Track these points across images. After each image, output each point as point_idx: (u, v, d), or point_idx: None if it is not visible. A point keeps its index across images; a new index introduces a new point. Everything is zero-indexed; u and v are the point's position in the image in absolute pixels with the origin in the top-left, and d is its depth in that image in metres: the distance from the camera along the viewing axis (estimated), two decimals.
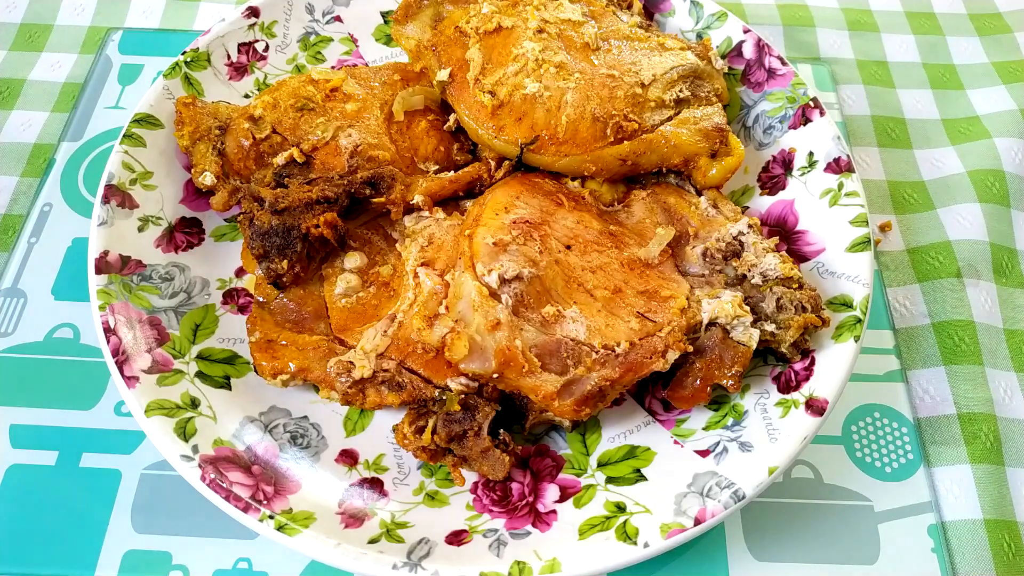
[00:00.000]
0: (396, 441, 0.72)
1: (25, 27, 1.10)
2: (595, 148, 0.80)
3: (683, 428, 0.74)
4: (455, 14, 0.89)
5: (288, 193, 0.78)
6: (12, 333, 0.83)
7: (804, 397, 0.71)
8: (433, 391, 0.72)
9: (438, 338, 0.72)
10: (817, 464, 0.78)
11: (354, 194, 0.79)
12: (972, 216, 0.95)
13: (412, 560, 0.63)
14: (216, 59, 0.92)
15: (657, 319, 0.72)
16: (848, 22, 1.18)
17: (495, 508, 0.69)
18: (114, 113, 1.00)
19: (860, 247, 0.78)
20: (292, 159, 0.81)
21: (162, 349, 0.74)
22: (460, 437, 0.70)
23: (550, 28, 0.84)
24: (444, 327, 0.72)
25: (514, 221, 0.76)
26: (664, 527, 0.65)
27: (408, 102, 0.86)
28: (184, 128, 0.83)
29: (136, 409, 0.69)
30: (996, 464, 0.79)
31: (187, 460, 0.66)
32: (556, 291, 0.73)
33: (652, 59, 0.85)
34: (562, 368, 0.69)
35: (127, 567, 0.71)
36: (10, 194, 0.94)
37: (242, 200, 0.82)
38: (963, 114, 1.07)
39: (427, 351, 0.73)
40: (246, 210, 0.79)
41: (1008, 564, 0.74)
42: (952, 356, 0.85)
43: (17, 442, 0.76)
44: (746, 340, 0.72)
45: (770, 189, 0.87)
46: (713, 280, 0.77)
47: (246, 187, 0.82)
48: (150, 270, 0.79)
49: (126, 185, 0.81)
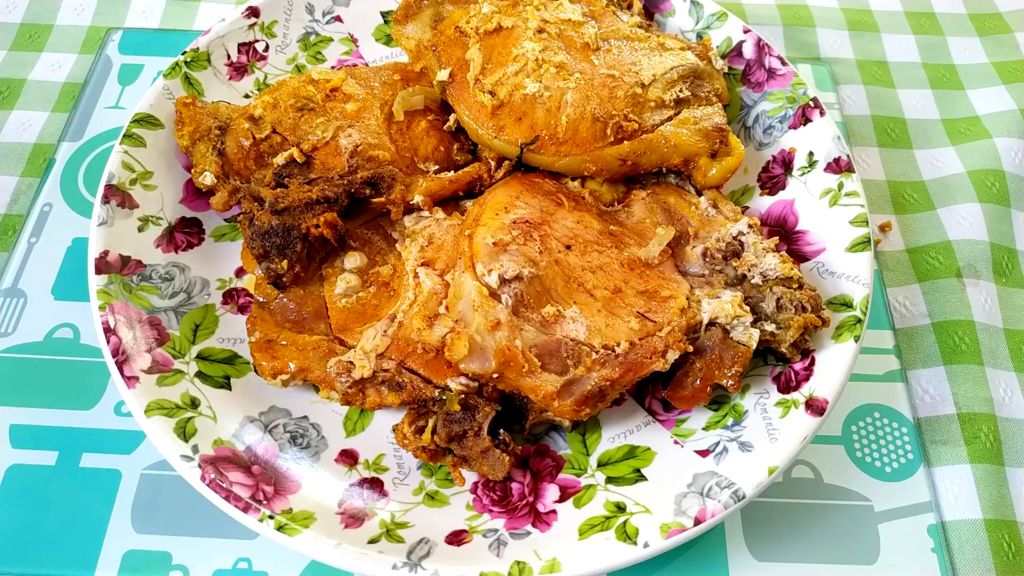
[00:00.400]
0: (396, 441, 0.72)
1: (25, 27, 1.10)
2: (595, 148, 0.80)
3: (683, 428, 0.74)
4: (455, 14, 0.89)
5: (288, 193, 0.78)
6: (12, 333, 0.83)
7: (804, 397, 0.71)
8: (433, 391, 0.72)
9: (438, 338, 0.72)
10: (817, 464, 0.78)
11: (354, 194, 0.79)
12: (972, 216, 0.95)
13: (412, 560, 0.63)
14: (216, 59, 0.92)
15: (657, 319, 0.72)
16: (848, 22, 1.18)
17: (495, 508, 0.69)
18: (114, 113, 1.00)
19: (860, 247, 0.78)
20: (292, 159, 0.81)
21: (162, 349, 0.74)
22: (460, 437, 0.70)
23: (550, 28, 0.84)
24: (444, 327, 0.72)
25: (514, 221, 0.76)
26: (664, 527, 0.65)
27: (408, 102, 0.86)
28: (184, 128, 0.83)
29: (136, 409, 0.69)
30: (996, 464, 0.79)
31: (187, 460, 0.66)
32: (556, 291, 0.73)
33: (652, 59, 0.85)
34: (562, 368, 0.69)
35: (127, 567, 0.71)
36: (10, 194, 0.94)
37: (242, 200, 0.82)
38: (963, 114, 1.07)
39: (427, 351, 0.73)
40: (246, 210, 0.79)
41: (1008, 564, 0.74)
42: (952, 356, 0.85)
43: (17, 442, 0.76)
44: (746, 340, 0.72)
45: (770, 189, 0.87)
46: (713, 280, 0.77)
47: (246, 187, 0.82)
48: (150, 270, 0.79)
49: (126, 185, 0.81)
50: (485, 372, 0.68)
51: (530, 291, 0.72)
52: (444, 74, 0.84)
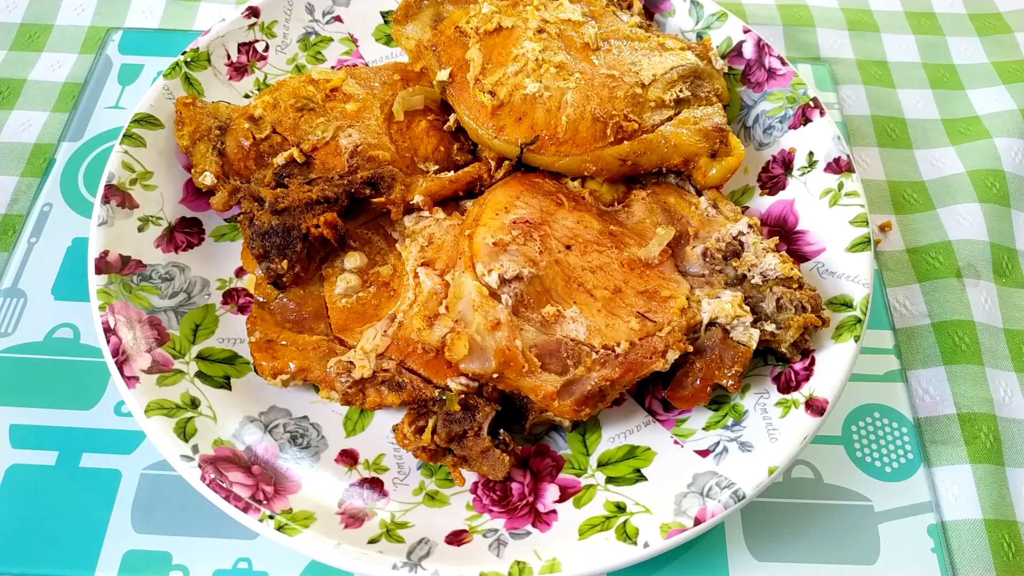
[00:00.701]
0: (396, 441, 0.72)
1: (25, 27, 1.10)
2: (595, 148, 0.80)
3: (683, 428, 0.74)
4: (455, 14, 0.89)
5: (288, 193, 0.78)
6: (12, 333, 0.83)
7: (804, 397, 0.71)
8: (433, 391, 0.72)
9: (438, 338, 0.72)
10: (817, 464, 0.78)
11: (354, 194, 0.79)
12: (972, 216, 0.95)
13: (412, 560, 0.63)
14: (216, 59, 0.92)
15: (657, 319, 0.72)
16: (848, 22, 1.18)
17: (495, 508, 0.69)
18: (114, 113, 1.00)
19: (860, 247, 0.78)
20: (292, 159, 0.81)
21: (162, 349, 0.74)
22: (460, 437, 0.70)
23: (550, 28, 0.84)
24: (444, 327, 0.72)
25: (514, 221, 0.76)
26: (664, 527, 0.65)
27: (408, 102, 0.86)
28: (184, 128, 0.83)
29: (136, 409, 0.69)
30: (996, 464, 0.79)
31: (187, 460, 0.66)
32: (556, 291, 0.73)
33: (652, 59, 0.85)
34: (562, 368, 0.69)
35: (127, 567, 0.71)
36: (10, 194, 0.94)
37: (242, 200, 0.82)
38: (963, 114, 1.07)
39: (427, 351, 0.73)
40: (246, 210, 0.79)
41: (1008, 564, 0.74)
42: (952, 356, 0.85)
43: (17, 442, 0.76)
44: (746, 340, 0.72)
45: (770, 189, 0.87)
46: (713, 280, 0.77)
47: (246, 187, 0.82)
48: (150, 270, 0.79)
49: (126, 185, 0.81)
50: (485, 372, 0.68)
51: (530, 291, 0.72)
52: (444, 74, 0.84)
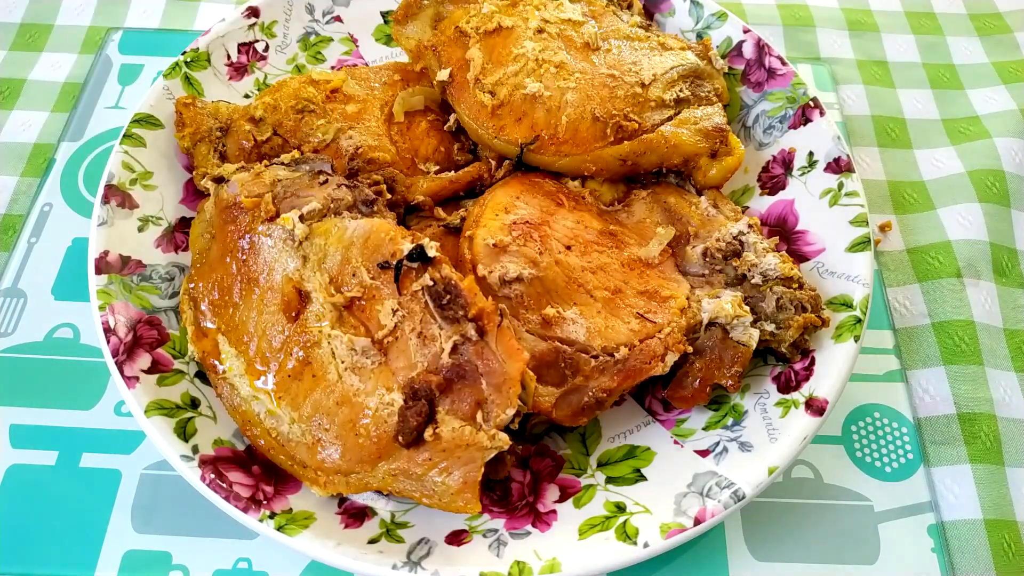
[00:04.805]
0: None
1: (25, 27, 1.10)
2: (595, 148, 0.80)
3: (683, 428, 0.74)
4: (455, 14, 0.89)
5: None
6: (12, 333, 0.83)
7: (804, 397, 0.71)
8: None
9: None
10: (817, 464, 0.78)
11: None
12: (972, 216, 0.95)
13: (412, 560, 0.63)
14: (216, 59, 0.92)
15: (657, 319, 0.72)
16: (848, 22, 1.18)
17: (495, 508, 0.69)
18: (114, 113, 1.00)
19: (860, 247, 0.78)
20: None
21: (162, 349, 0.73)
22: None
23: (550, 28, 0.84)
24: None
25: (514, 222, 0.76)
26: (664, 527, 0.64)
27: (408, 102, 0.86)
28: (185, 130, 0.83)
29: (136, 409, 0.69)
30: (996, 464, 0.79)
31: (187, 460, 0.66)
32: (556, 292, 0.73)
33: (652, 59, 0.85)
34: (559, 379, 0.69)
35: (127, 567, 0.71)
36: (10, 194, 0.94)
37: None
38: (963, 114, 1.07)
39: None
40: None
41: (1008, 564, 0.74)
42: (952, 356, 0.85)
43: (17, 442, 0.76)
44: (746, 340, 0.72)
45: (770, 189, 0.87)
46: (713, 280, 0.77)
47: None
48: (150, 270, 0.78)
49: (126, 185, 0.81)
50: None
51: (530, 292, 0.72)
52: (444, 74, 0.84)
